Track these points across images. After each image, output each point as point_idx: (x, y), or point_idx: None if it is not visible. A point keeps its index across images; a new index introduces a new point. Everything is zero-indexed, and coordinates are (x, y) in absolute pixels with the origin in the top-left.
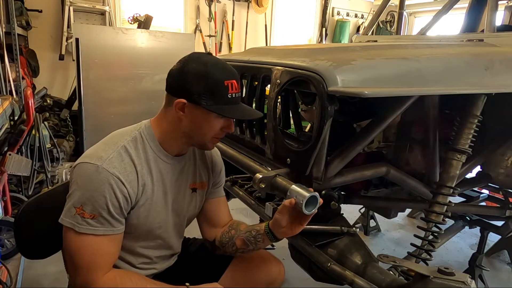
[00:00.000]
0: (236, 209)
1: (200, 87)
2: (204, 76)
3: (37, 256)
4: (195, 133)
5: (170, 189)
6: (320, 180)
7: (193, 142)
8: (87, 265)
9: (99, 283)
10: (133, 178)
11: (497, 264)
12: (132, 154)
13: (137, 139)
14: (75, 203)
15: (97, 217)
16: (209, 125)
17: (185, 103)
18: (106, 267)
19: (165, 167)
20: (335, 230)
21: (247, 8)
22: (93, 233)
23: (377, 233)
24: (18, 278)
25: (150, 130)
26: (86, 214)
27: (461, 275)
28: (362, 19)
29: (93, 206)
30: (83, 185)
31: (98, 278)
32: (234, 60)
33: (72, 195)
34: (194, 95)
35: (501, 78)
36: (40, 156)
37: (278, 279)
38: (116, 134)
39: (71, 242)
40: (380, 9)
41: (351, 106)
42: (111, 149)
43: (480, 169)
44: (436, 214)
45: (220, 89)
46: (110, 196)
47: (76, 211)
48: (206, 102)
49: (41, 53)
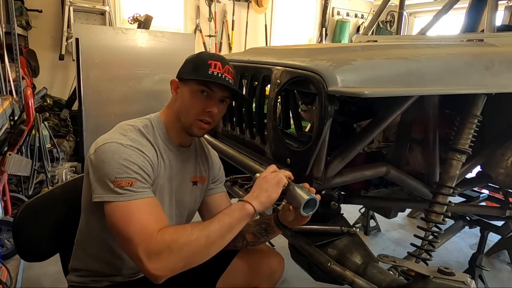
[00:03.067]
0: None
1: (189, 66)
2: (194, 58)
3: (36, 259)
4: (182, 111)
5: (175, 178)
6: (320, 180)
7: (183, 124)
8: (139, 229)
9: (157, 238)
10: (154, 154)
11: (497, 264)
12: (147, 135)
13: (148, 126)
14: (108, 178)
15: (135, 183)
16: (192, 100)
17: (177, 82)
18: (157, 226)
19: (171, 155)
20: (335, 230)
21: (247, 8)
22: (138, 197)
23: (377, 233)
24: (18, 278)
25: (159, 118)
26: (123, 183)
27: (461, 275)
28: (362, 19)
29: (128, 173)
30: (111, 159)
31: (154, 235)
32: (234, 60)
33: (100, 174)
34: (183, 73)
35: (501, 78)
36: (40, 156)
37: (278, 271)
38: (126, 122)
39: (118, 215)
40: (380, 9)
41: (351, 106)
42: (129, 132)
43: (480, 169)
44: (436, 214)
45: (203, 66)
46: (140, 161)
47: (113, 185)
48: (187, 76)
49: (41, 53)
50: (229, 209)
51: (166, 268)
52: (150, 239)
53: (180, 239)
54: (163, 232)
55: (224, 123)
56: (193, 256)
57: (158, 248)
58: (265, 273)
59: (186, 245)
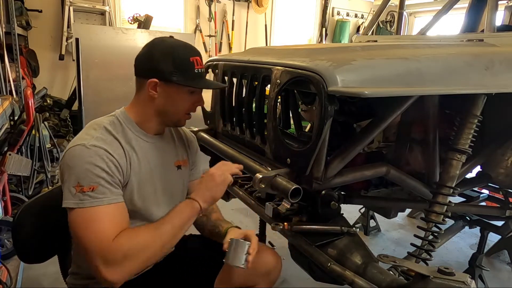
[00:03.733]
0: (236, 209)
1: (169, 65)
2: (170, 54)
3: (35, 260)
4: (169, 110)
5: (156, 167)
6: (320, 180)
7: (168, 120)
8: (96, 236)
9: (114, 246)
10: (121, 152)
11: (497, 264)
12: (113, 133)
13: (114, 123)
14: (72, 183)
15: (97, 188)
16: (182, 100)
17: (157, 82)
18: (115, 232)
19: (147, 146)
20: (335, 230)
21: (247, 8)
22: (98, 204)
23: (377, 233)
24: (18, 278)
25: (126, 114)
26: (85, 188)
27: (461, 275)
28: (362, 19)
29: (90, 177)
30: (74, 164)
31: (110, 242)
32: (234, 60)
33: (66, 179)
34: (165, 73)
35: (501, 78)
36: (40, 156)
37: (275, 270)
38: (92, 123)
39: (76, 221)
40: (380, 9)
41: (351, 106)
42: (93, 132)
43: (480, 169)
44: (436, 214)
45: (187, 65)
46: (102, 165)
47: (75, 190)
48: (176, 78)
49: (41, 53)
50: (178, 208)
51: (123, 274)
52: (106, 248)
53: (135, 245)
54: (119, 240)
55: (224, 123)
56: (148, 259)
57: (115, 257)
58: (262, 272)
59: (141, 250)
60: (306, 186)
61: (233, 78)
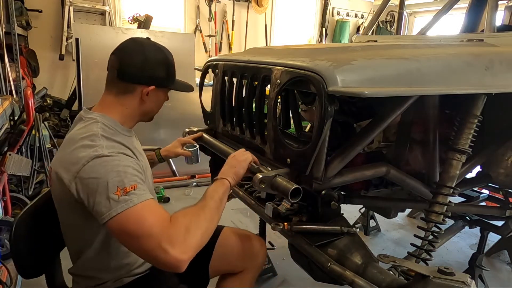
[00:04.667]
0: (236, 209)
1: (164, 73)
2: (164, 62)
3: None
4: (152, 111)
5: (143, 158)
6: (320, 180)
7: (147, 118)
8: (157, 223)
9: (174, 228)
10: (130, 153)
11: (497, 264)
12: (113, 138)
13: (105, 129)
14: (110, 190)
15: (137, 186)
16: (162, 101)
17: (153, 88)
18: (168, 216)
19: (132, 141)
20: (335, 230)
21: (247, 8)
22: (144, 198)
23: (377, 233)
24: (18, 278)
25: (108, 118)
26: (127, 188)
27: (461, 275)
28: (362, 19)
29: (128, 178)
30: (102, 174)
31: (169, 225)
32: (234, 60)
33: (99, 192)
34: (162, 81)
35: (501, 78)
36: (40, 156)
37: (260, 253)
38: (82, 138)
39: (131, 220)
40: (380, 9)
41: (351, 106)
42: (95, 141)
43: (480, 169)
44: (436, 214)
45: (173, 70)
46: (132, 164)
47: (118, 195)
48: (168, 84)
49: (41, 53)
50: (212, 188)
51: (190, 249)
52: (169, 228)
53: (191, 222)
54: (175, 219)
55: (224, 123)
56: (205, 233)
57: (178, 233)
58: (249, 256)
59: (197, 226)
60: (306, 186)
61: (233, 78)
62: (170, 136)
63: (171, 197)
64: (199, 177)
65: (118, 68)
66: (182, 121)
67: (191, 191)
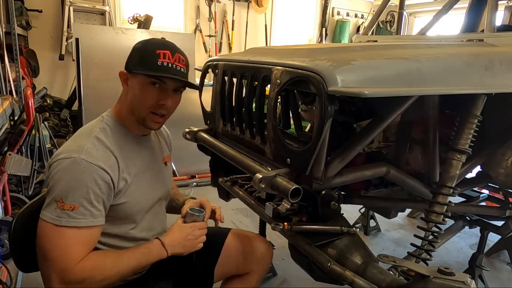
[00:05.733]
0: (236, 209)
1: (136, 57)
2: (140, 48)
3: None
4: (135, 105)
5: (148, 167)
6: (320, 180)
7: (137, 118)
8: (61, 256)
9: (76, 271)
10: (113, 163)
11: (497, 264)
12: (105, 142)
13: (105, 129)
14: (55, 197)
15: (78, 208)
16: (144, 94)
17: (126, 73)
18: (81, 255)
19: (137, 148)
20: (335, 230)
21: (247, 8)
22: (73, 225)
23: (377, 233)
24: (18, 278)
25: (113, 117)
26: (66, 205)
27: (461, 275)
28: (362, 19)
29: (74, 197)
30: (61, 178)
31: (73, 266)
32: (234, 60)
33: (50, 191)
34: (130, 65)
35: (501, 78)
36: (40, 156)
37: (267, 256)
38: (83, 130)
39: (48, 235)
40: (380, 9)
41: (351, 106)
42: (84, 141)
43: (480, 169)
44: (436, 214)
45: (151, 56)
46: (92, 185)
47: (56, 205)
48: (136, 68)
49: (41, 53)
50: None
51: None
52: (69, 270)
53: (96, 276)
54: (83, 265)
55: (224, 123)
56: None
57: (72, 280)
58: (255, 259)
59: (100, 279)
60: (306, 186)
61: (233, 78)
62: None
63: None
64: (199, 177)
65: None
66: (182, 121)
67: (191, 191)
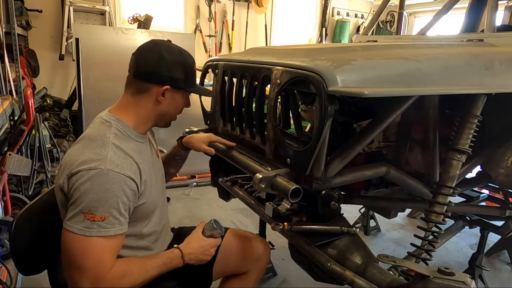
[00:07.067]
0: (236, 209)
1: (181, 74)
2: (182, 63)
3: (33, 272)
4: (170, 113)
5: (152, 164)
6: (320, 180)
7: (163, 122)
8: (95, 266)
9: (108, 279)
10: (135, 169)
11: (497, 264)
12: (123, 148)
13: (118, 135)
14: (82, 208)
15: (108, 218)
16: (180, 105)
17: (168, 89)
18: (112, 263)
19: (143, 147)
20: (335, 230)
21: (247, 8)
22: (104, 234)
23: (377, 233)
24: (18, 278)
25: (123, 122)
26: (96, 217)
27: (461, 275)
28: (362, 19)
29: (104, 208)
30: (89, 190)
31: (106, 274)
32: (234, 60)
33: (77, 202)
34: (179, 81)
35: (501, 78)
36: (40, 156)
37: (264, 255)
38: (93, 137)
39: (78, 245)
40: (380, 9)
41: (351, 106)
42: (104, 149)
43: (480, 169)
44: (436, 214)
45: (193, 74)
46: (120, 194)
47: (84, 217)
48: (185, 85)
49: (41, 53)
50: (168, 259)
51: None
52: (101, 278)
53: (125, 283)
54: (114, 274)
55: (224, 123)
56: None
57: (108, 282)
58: (252, 258)
59: (127, 285)
60: (306, 186)
61: (233, 78)
62: (170, 136)
63: (171, 197)
64: (199, 177)
65: (135, 67)
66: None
67: (191, 191)
